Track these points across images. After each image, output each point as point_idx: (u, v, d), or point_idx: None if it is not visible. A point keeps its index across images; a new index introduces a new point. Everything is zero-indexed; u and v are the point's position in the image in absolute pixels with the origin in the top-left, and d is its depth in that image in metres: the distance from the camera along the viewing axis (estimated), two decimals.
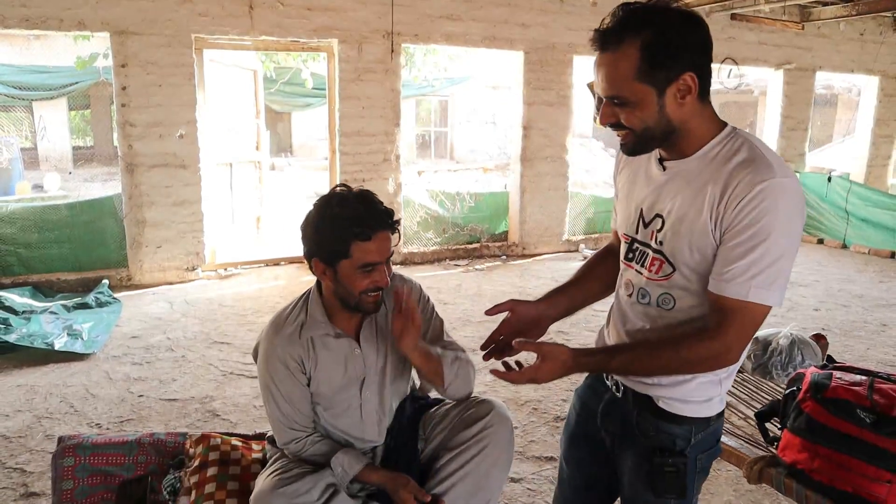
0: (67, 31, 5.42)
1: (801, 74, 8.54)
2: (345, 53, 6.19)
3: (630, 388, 1.45)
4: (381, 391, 1.82)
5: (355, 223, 1.62)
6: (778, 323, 4.90)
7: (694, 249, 1.31)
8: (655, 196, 1.38)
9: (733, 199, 1.24)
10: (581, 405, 1.64)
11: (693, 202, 1.30)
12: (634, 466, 1.46)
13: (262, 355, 1.77)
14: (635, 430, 1.46)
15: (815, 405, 1.77)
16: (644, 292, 1.41)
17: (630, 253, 1.45)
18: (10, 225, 5.63)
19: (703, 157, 1.32)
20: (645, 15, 1.23)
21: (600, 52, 1.27)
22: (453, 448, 1.74)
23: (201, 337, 4.57)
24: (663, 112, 1.27)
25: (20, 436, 3.19)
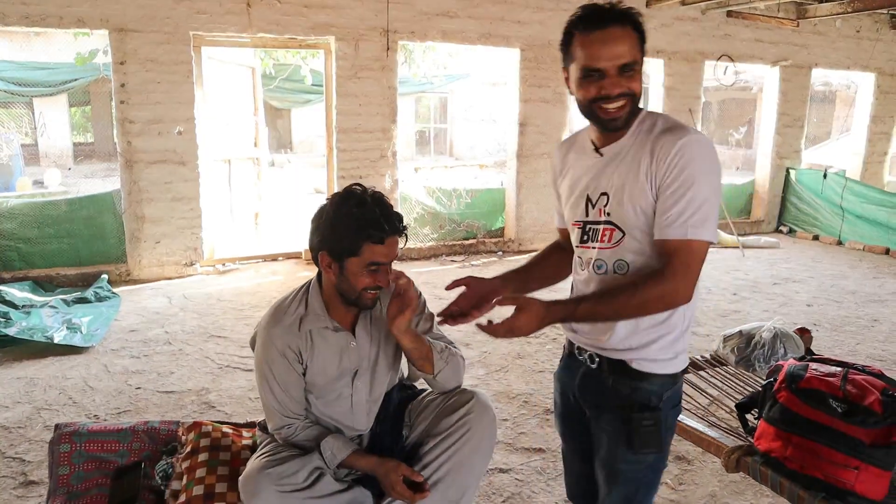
0: (67, 28, 5.46)
1: (797, 71, 8.58)
2: (342, 51, 6.23)
3: (605, 357, 1.59)
4: (372, 382, 1.88)
5: (372, 226, 1.68)
6: (770, 318, 4.95)
7: (638, 212, 1.49)
8: (598, 179, 1.56)
9: (661, 158, 1.45)
10: (561, 386, 1.78)
11: (629, 172, 1.50)
12: (614, 430, 1.58)
13: (261, 344, 1.83)
14: (612, 394, 1.59)
15: (789, 395, 1.82)
16: (600, 263, 1.57)
17: (584, 235, 1.61)
18: (11, 220, 5.69)
19: (632, 135, 1.52)
20: (626, 9, 1.47)
21: (607, 28, 1.42)
22: (436, 435, 1.80)
23: (199, 331, 4.62)
24: (641, 87, 1.49)
25: (20, 426, 3.24)
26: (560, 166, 1.70)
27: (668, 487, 2.76)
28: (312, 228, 1.79)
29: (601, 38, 1.42)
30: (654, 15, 7.53)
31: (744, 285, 6.11)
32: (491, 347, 4.35)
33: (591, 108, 1.48)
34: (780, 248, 7.87)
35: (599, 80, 1.44)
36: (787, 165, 8.87)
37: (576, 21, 1.46)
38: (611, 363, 1.58)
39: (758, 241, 7.99)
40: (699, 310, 5.28)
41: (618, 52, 1.41)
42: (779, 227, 9.02)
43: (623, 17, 1.44)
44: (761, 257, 7.38)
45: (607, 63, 1.42)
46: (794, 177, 8.79)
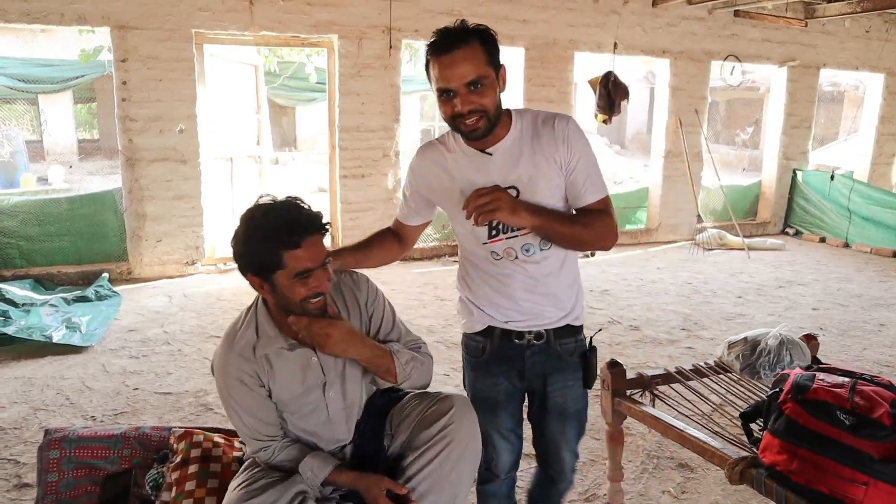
0: (68, 25, 5.43)
1: (804, 72, 8.50)
2: (344, 49, 6.19)
3: (550, 329, 1.86)
4: (344, 390, 1.80)
5: (282, 231, 1.57)
6: (775, 322, 4.90)
7: (553, 194, 1.75)
8: (495, 176, 1.71)
9: (556, 140, 1.72)
10: (494, 379, 1.92)
11: (535, 161, 1.72)
12: (573, 381, 1.92)
13: (218, 372, 1.74)
14: (562, 355, 1.89)
15: (795, 406, 1.77)
16: (528, 246, 1.77)
17: (493, 231, 1.77)
18: (12, 218, 5.67)
19: (515, 130, 1.73)
20: (473, 27, 1.65)
21: (452, 52, 1.59)
22: (416, 448, 1.71)
23: (198, 331, 4.59)
24: (498, 96, 1.67)
25: (15, 427, 3.22)
26: (431, 169, 1.82)
27: (671, 496, 2.72)
28: (233, 254, 1.68)
29: (447, 62, 1.59)
30: (659, 14, 7.46)
31: (749, 288, 6.05)
32: None
33: (454, 124, 1.67)
34: (786, 251, 7.81)
35: (452, 99, 1.61)
36: (794, 167, 8.79)
37: (429, 47, 1.64)
38: (556, 331, 1.87)
39: (763, 243, 7.92)
40: (704, 313, 5.23)
41: (462, 72, 1.59)
42: (785, 229, 8.95)
43: (467, 36, 1.61)
44: (767, 259, 7.32)
45: (455, 83, 1.60)
46: (801, 178, 8.71)
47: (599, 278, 6.27)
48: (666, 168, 7.99)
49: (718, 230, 7.99)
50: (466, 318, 1.92)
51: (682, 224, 8.23)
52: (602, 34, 7.12)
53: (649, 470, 2.90)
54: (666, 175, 8.01)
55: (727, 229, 8.05)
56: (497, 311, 1.85)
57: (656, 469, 2.91)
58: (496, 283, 1.83)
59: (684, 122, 7.84)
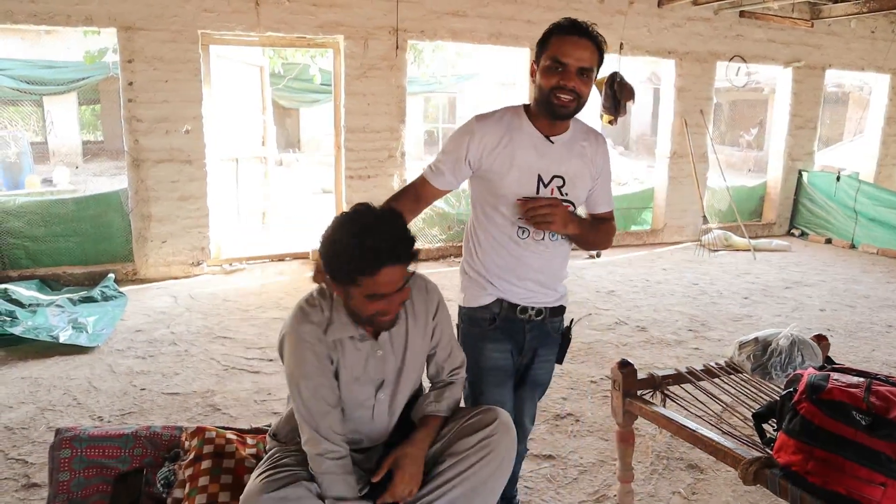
0: (75, 26, 5.44)
1: (810, 72, 8.48)
2: (350, 49, 6.19)
3: (548, 307, 2.08)
4: (395, 393, 1.81)
5: (361, 258, 1.55)
6: (782, 323, 4.88)
7: (584, 194, 2.03)
8: (550, 163, 1.92)
9: (595, 156, 2.00)
10: (501, 347, 2.05)
11: (581, 162, 1.97)
12: (552, 355, 2.16)
13: (290, 339, 1.70)
14: (550, 331, 2.12)
15: (810, 406, 1.76)
16: (554, 233, 1.97)
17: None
18: (18, 218, 5.68)
19: (573, 131, 1.96)
20: (597, 33, 1.86)
21: (583, 38, 1.80)
22: (455, 454, 1.72)
23: (204, 332, 4.59)
24: (588, 96, 1.88)
25: (23, 427, 3.21)
26: (494, 139, 1.92)
27: (681, 497, 2.70)
28: (319, 247, 1.68)
29: (575, 42, 1.79)
30: (665, 15, 7.45)
31: (755, 289, 6.03)
32: None
33: (548, 96, 1.83)
34: (792, 252, 7.78)
35: (560, 72, 1.80)
36: (800, 167, 8.77)
37: (560, 25, 1.82)
38: (552, 310, 2.09)
39: (769, 244, 7.90)
40: (711, 314, 5.22)
41: (583, 55, 1.80)
42: (791, 230, 8.93)
43: (596, 38, 1.83)
44: (773, 260, 7.29)
45: (573, 61, 1.79)
46: (807, 179, 8.69)
47: (606, 279, 6.26)
48: (671, 169, 7.98)
49: (724, 231, 7.97)
50: (475, 291, 2.05)
51: (688, 225, 8.21)
52: (608, 35, 7.00)
53: (659, 471, 2.89)
54: (671, 176, 8.00)
55: (733, 230, 8.03)
56: (510, 286, 2.00)
57: (666, 470, 2.89)
58: (514, 262, 1.98)
59: (690, 122, 7.83)
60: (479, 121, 1.95)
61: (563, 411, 3.41)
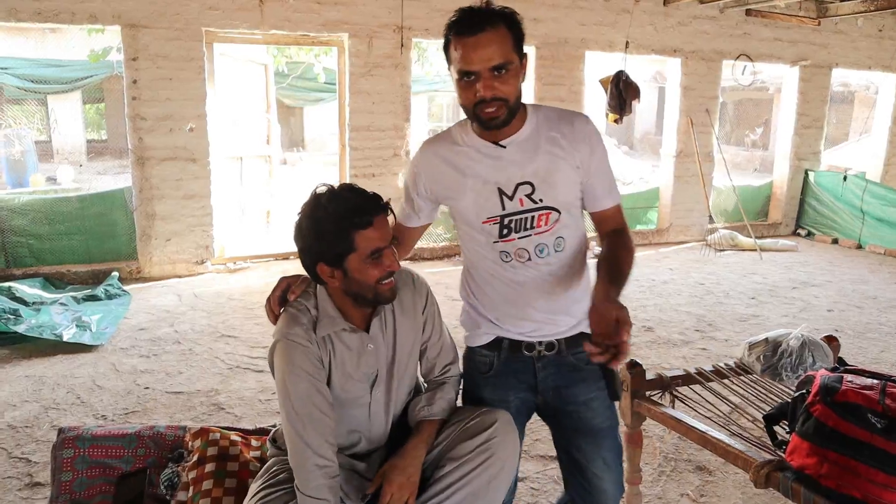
0: (79, 24, 5.43)
1: (816, 71, 8.42)
2: (355, 48, 6.17)
3: (561, 339, 1.73)
4: (389, 389, 1.78)
5: (353, 213, 1.57)
6: (790, 324, 4.84)
7: (571, 190, 1.67)
8: (508, 171, 1.62)
9: (576, 141, 1.64)
10: (501, 394, 1.78)
11: (551, 158, 1.62)
12: (595, 392, 1.77)
13: (279, 348, 1.65)
14: (576, 365, 1.75)
15: (824, 409, 1.73)
16: (542, 247, 1.66)
17: (504, 230, 1.65)
18: (23, 216, 5.67)
19: (531, 123, 1.64)
20: (500, 9, 1.54)
21: (479, 34, 1.48)
22: (455, 458, 1.68)
23: (209, 330, 4.57)
24: (519, 85, 1.58)
25: (27, 426, 3.20)
26: (438, 163, 1.69)
27: (689, 499, 2.68)
28: (299, 247, 1.66)
29: (473, 43, 1.48)
30: (671, 14, 7.41)
31: (762, 289, 5.99)
32: None
33: (473, 111, 1.56)
34: (799, 252, 7.74)
35: (474, 83, 1.51)
36: (806, 167, 8.72)
37: (452, 25, 1.53)
38: (568, 340, 1.74)
39: (775, 244, 7.85)
40: (717, 314, 5.18)
41: (487, 54, 1.48)
42: (797, 230, 8.88)
43: (494, 18, 1.51)
44: (779, 260, 7.25)
45: (479, 66, 1.49)
46: (813, 179, 8.63)
47: None
48: (677, 168, 7.94)
49: (730, 231, 7.93)
50: (471, 330, 1.81)
51: (694, 225, 8.17)
52: (613, 33, 7.07)
53: (667, 473, 2.86)
54: (677, 175, 7.96)
55: (739, 230, 7.99)
56: (506, 320, 1.74)
57: (674, 472, 2.87)
58: (506, 290, 1.71)
59: (695, 121, 7.79)
60: (421, 150, 1.75)
61: None
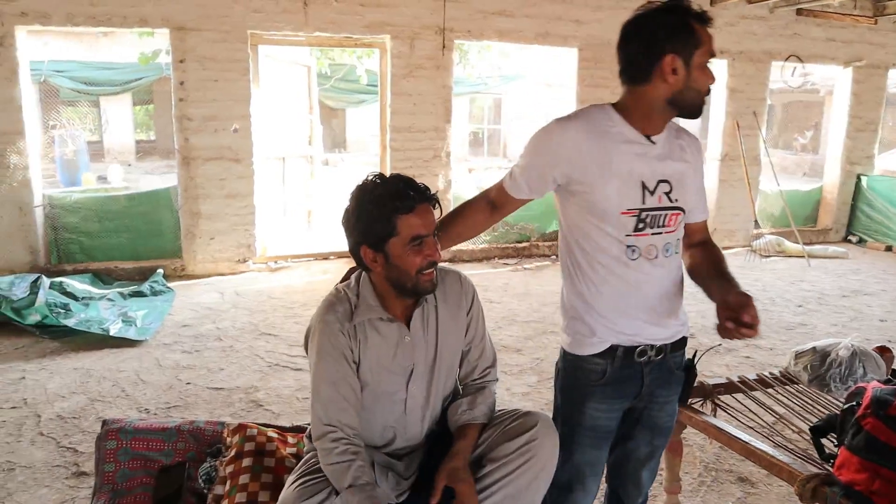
0: (130, 27, 5.59)
1: (872, 72, 8.13)
2: (397, 49, 6.20)
3: (668, 343, 1.74)
4: (428, 387, 1.77)
5: (396, 197, 1.61)
6: (839, 333, 4.68)
7: (696, 195, 1.77)
8: (653, 166, 1.65)
9: (695, 153, 1.75)
10: (609, 406, 1.75)
11: (682, 160, 1.70)
12: (672, 396, 1.83)
13: (314, 331, 1.71)
14: (674, 369, 1.80)
15: (876, 422, 1.66)
16: (668, 246, 1.69)
17: (640, 223, 1.64)
18: (74, 214, 5.86)
19: (668, 132, 1.70)
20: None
21: (709, 25, 1.63)
22: (496, 459, 1.68)
23: (249, 328, 4.65)
24: None
25: (74, 417, 3.30)
26: (582, 146, 1.62)
27: None
28: (345, 231, 1.71)
29: (710, 35, 1.62)
30: (718, 14, 7.24)
31: (810, 297, 5.81)
32: (543, 354, 4.23)
33: (701, 100, 1.64)
34: (849, 259, 7.47)
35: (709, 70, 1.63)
36: (859, 171, 8.42)
37: (695, 12, 1.62)
38: (674, 344, 1.76)
39: (825, 251, 7.60)
40: (763, 322, 5.03)
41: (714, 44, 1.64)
42: (848, 237, 8.58)
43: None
44: (828, 268, 7.02)
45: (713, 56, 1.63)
46: (866, 183, 8.34)
47: None
48: (722, 172, 7.75)
49: (776, 236, 7.71)
50: (584, 337, 1.70)
51: (739, 230, 7.97)
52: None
53: (707, 483, 2.78)
54: (722, 179, 7.78)
55: (786, 236, 7.76)
56: (625, 324, 1.67)
57: (715, 482, 2.79)
58: (627, 289, 1.66)
59: (742, 124, 7.60)
60: (561, 125, 1.65)
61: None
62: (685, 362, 1.85)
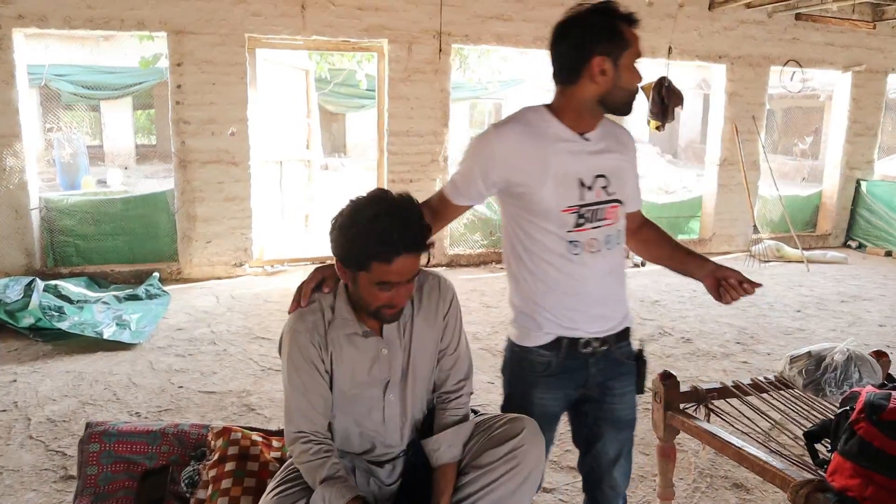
0: (128, 30, 5.60)
1: (871, 77, 8.12)
2: (394, 53, 6.19)
3: (612, 334, 1.79)
4: (404, 394, 1.74)
5: (378, 243, 1.51)
6: (837, 338, 4.64)
7: (634, 189, 1.84)
8: (589, 162, 1.69)
9: (629, 146, 1.81)
10: (553, 395, 1.81)
11: (618, 154, 1.75)
12: (630, 386, 1.85)
13: (285, 341, 1.68)
14: (620, 360, 1.82)
15: (869, 427, 1.63)
16: (609, 238, 1.73)
17: (580, 219, 1.69)
18: (70, 217, 5.85)
19: (602, 127, 1.74)
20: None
21: (636, 27, 1.64)
22: (481, 466, 1.65)
23: (244, 331, 4.62)
24: None
25: (64, 420, 3.28)
26: (518, 148, 1.67)
27: None
28: (329, 232, 1.63)
29: (636, 36, 1.63)
30: (716, 18, 7.24)
31: (808, 302, 5.78)
32: None
33: (630, 99, 1.67)
34: (849, 264, 7.45)
35: (638, 75, 1.66)
36: (858, 176, 8.40)
37: (620, 15, 1.61)
38: (617, 335, 1.80)
39: (824, 256, 7.58)
40: (760, 326, 5.01)
41: (642, 47, 1.66)
42: (847, 242, 8.55)
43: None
44: (827, 273, 6.99)
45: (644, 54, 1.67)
46: (866, 188, 8.31)
47: (650, 288, 6.09)
48: (721, 177, 7.73)
49: (776, 241, 7.68)
50: (529, 331, 1.76)
51: (738, 235, 7.95)
52: (656, 39, 6.94)
53: (702, 489, 2.75)
54: (721, 184, 7.75)
55: (785, 241, 7.74)
56: (568, 318, 1.72)
57: (709, 488, 2.76)
58: (571, 283, 1.70)
59: (741, 129, 7.58)
60: (498, 130, 1.69)
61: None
62: (634, 353, 1.87)
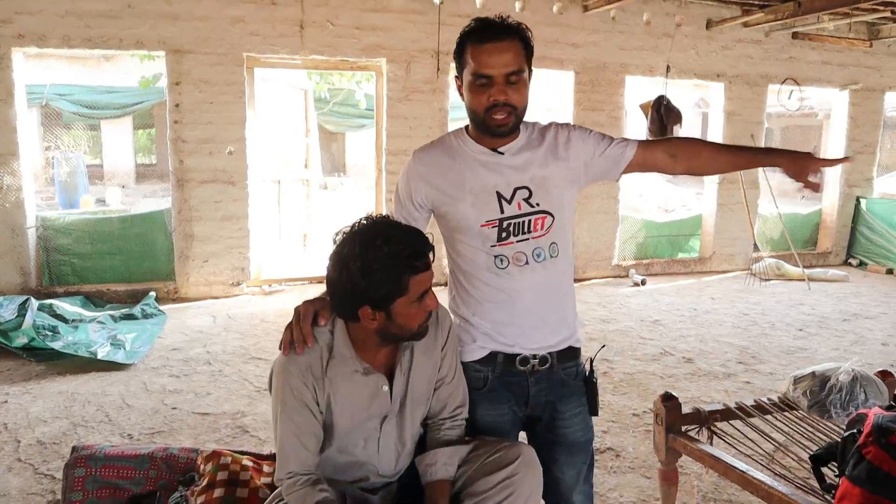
0: (126, 49, 5.60)
1: (868, 95, 8.14)
2: (392, 72, 6.20)
3: (554, 352, 1.76)
4: (401, 424, 1.70)
5: (411, 258, 1.49)
6: (840, 357, 4.59)
7: (563, 194, 1.73)
8: (507, 175, 1.68)
9: (569, 147, 1.74)
10: (497, 409, 1.79)
11: (546, 165, 1.71)
12: (580, 407, 1.82)
13: (276, 379, 1.62)
14: (566, 380, 1.80)
15: (878, 451, 1.59)
16: (539, 251, 1.69)
17: (503, 233, 1.68)
18: (67, 236, 5.82)
19: (525, 134, 1.73)
20: (516, 23, 1.64)
21: (498, 41, 1.59)
22: (475, 494, 1.60)
23: (240, 352, 4.57)
24: (527, 97, 1.67)
25: (55, 442, 3.21)
26: (437, 170, 1.72)
27: None
28: (340, 290, 1.53)
29: (491, 49, 1.58)
30: (714, 37, 7.28)
31: (810, 321, 5.73)
32: None
33: (483, 118, 1.63)
34: (850, 282, 7.40)
35: (488, 88, 1.59)
36: (858, 194, 8.39)
37: (470, 33, 1.62)
38: (560, 354, 1.77)
39: (825, 274, 7.54)
40: (762, 346, 4.96)
41: (505, 60, 1.58)
42: (848, 260, 8.52)
43: (511, 32, 1.61)
44: (829, 291, 6.94)
45: (496, 70, 1.58)
46: (865, 206, 8.30)
47: (651, 307, 6.04)
48: (721, 195, 7.72)
49: (776, 260, 7.65)
50: (465, 344, 1.77)
51: (738, 253, 7.92)
52: (654, 57, 6.96)
53: None
54: (720, 202, 7.74)
55: (785, 259, 7.70)
56: (501, 333, 1.73)
57: None
58: (501, 298, 1.70)
59: None
60: (417, 156, 1.75)
61: (602, 445, 3.24)
62: (582, 374, 1.84)
